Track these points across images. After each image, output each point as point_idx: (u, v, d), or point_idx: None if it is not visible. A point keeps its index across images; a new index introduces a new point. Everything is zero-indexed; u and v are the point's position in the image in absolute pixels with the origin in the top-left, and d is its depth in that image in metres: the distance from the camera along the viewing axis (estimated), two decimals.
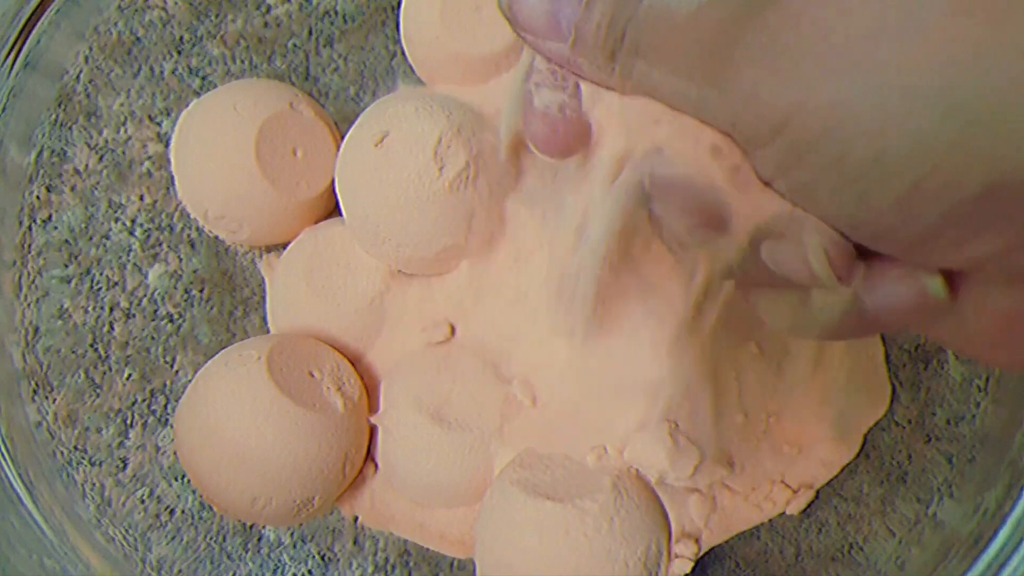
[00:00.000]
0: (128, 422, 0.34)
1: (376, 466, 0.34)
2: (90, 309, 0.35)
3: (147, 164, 0.36)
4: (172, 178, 0.36)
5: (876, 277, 0.19)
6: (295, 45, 0.38)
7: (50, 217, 0.35)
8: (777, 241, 0.19)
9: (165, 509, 0.34)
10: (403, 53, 0.39)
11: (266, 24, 0.38)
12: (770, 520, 0.33)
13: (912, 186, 0.16)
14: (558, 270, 0.26)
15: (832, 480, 0.34)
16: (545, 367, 0.33)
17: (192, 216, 0.36)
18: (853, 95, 0.16)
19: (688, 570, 0.32)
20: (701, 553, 0.32)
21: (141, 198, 0.36)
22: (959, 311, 0.19)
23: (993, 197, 0.16)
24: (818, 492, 0.34)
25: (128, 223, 0.36)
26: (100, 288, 0.35)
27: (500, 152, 0.28)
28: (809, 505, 0.34)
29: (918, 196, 0.16)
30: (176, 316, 0.36)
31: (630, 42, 0.19)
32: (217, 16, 0.37)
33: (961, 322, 0.19)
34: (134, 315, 0.35)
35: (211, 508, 0.34)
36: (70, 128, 0.35)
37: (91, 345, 0.34)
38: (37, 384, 0.33)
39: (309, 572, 0.34)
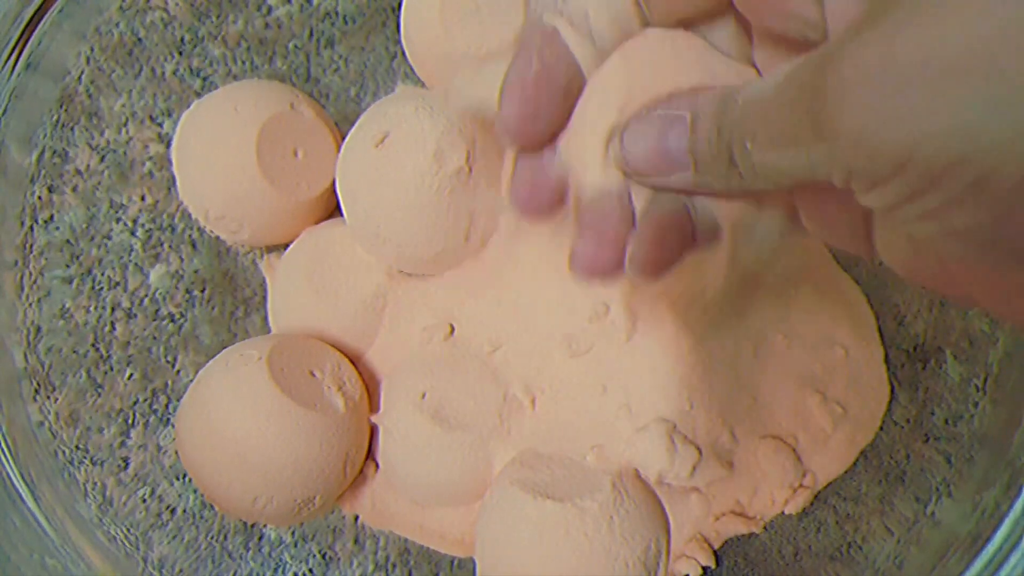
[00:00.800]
0: (129, 422, 0.34)
1: (377, 465, 0.35)
2: (92, 309, 0.35)
3: (148, 165, 0.36)
4: (173, 178, 0.36)
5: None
6: (296, 46, 0.38)
7: (52, 217, 0.35)
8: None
9: (166, 508, 0.34)
10: (403, 54, 0.39)
11: (267, 25, 0.38)
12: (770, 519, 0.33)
13: None
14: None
15: (832, 481, 0.34)
16: (545, 368, 0.33)
17: (193, 216, 0.36)
18: (982, 115, 0.14)
19: (697, 572, 0.32)
20: (714, 557, 0.33)
21: (142, 198, 0.36)
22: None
23: None
24: (817, 493, 0.34)
25: (129, 223, 0.36)
26: (101, 288, 0.35)
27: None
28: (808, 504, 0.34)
29: None
30: (177, 316, 0.36)
31: (739, 140, 0.19)
32: (218, 17, 0.37)
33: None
34: (135, 315, 0.35)
35: (212, 507, 0.34)
36: (72, 129, 0.35)
37: (93, 345, 0.34)
38: (39, 384, 0.33)
39: (310, 571, 0.34)
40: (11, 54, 0.33)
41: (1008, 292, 0.18)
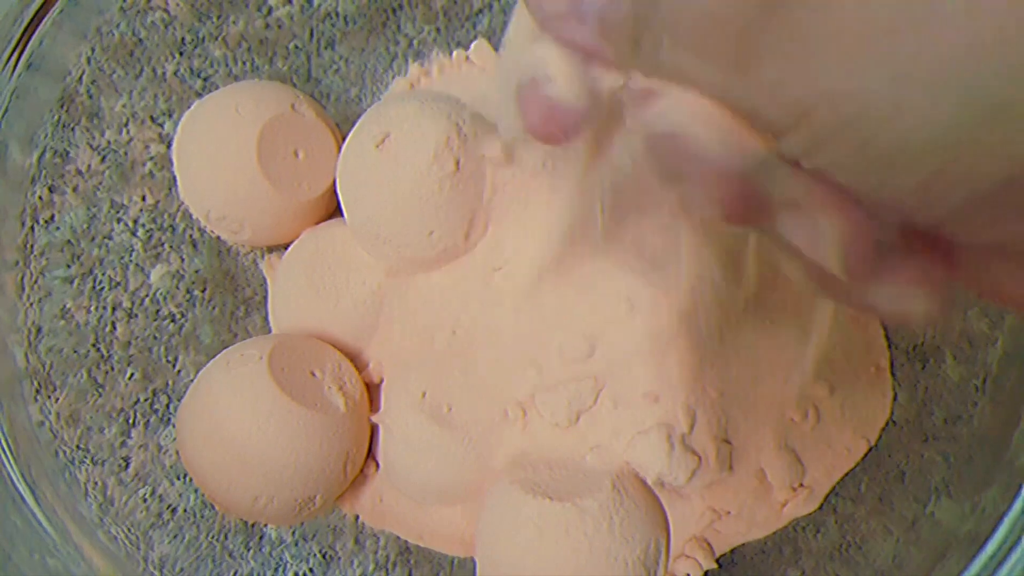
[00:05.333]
0: (130, 421, 0.34)
1: (377, 465, 0.35)
2: (92, 309, 0.35)
3: (149, 165, 0.36)
4: (174, 179, 0.36)
5: (883, 273, 0.19)
6: (296, 47, 0.38)
7: (52, 217, 0.35)
8: (792, 214, 0.19)
9: (167, 508, 0.34)
10: (403, 55, 0.39)
11: (268, 26, 0.38)
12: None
13: (933, 174, 0.16)
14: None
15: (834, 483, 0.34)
16: (544, 370, 0.33)
17: (194, 217, 0.36)
18: (875, 86, 0.16)
19: (698, 573, 0.32)
20: (715, 558, 0.33)
21: (143, 199, 0.36)
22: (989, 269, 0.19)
23: (1013, 188, 0.16)
24: (825, 496, 0.34)
25: (130, 223, 0.36)
26: (102, 288, 0.35)
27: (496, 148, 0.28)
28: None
29: (939, 183, 0.16)
30: (178, 316, 0.36)
31: (656, 27, 0.18)
32: (219, 18, 0.37)
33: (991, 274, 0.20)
34: (136, 315, 0.35)
35: (213, 507, 0.34)
36: (72, 129, 0.35)
37: (93, 345, 0.34)
38: (40, 384, 0.33)
39: (311, 570, 0.34)
40: (12, 54, 0.33)
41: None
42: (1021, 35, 0.15)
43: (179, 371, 0.35)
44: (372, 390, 0.35)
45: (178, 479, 0.34)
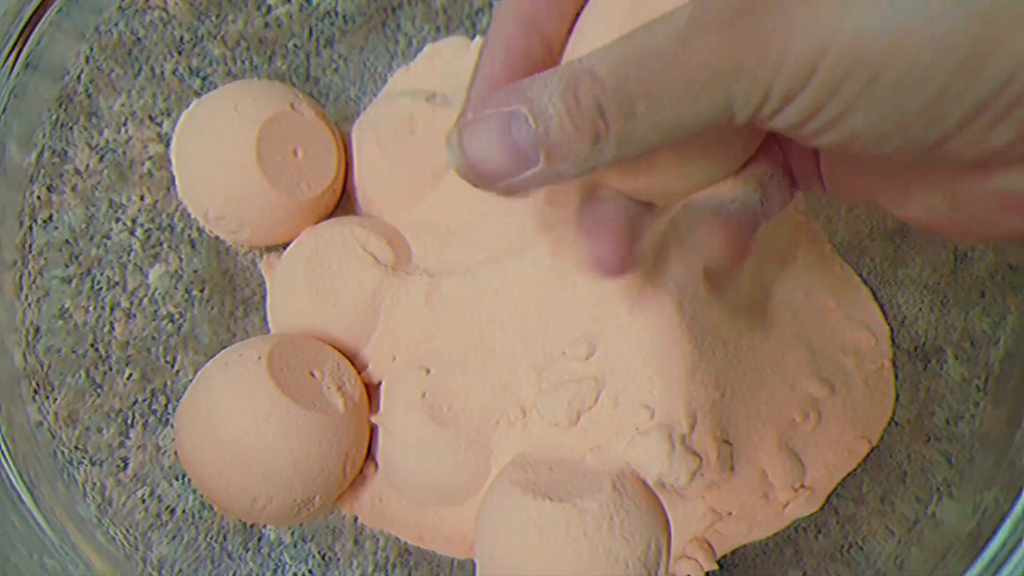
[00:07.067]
0: (129, 422, 0.34)
1: (377, 466, 0.34)
2: (91, 309, 0.35)
3: (148, 164, 0.36)
4: (173, 178, 0.36)
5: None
6: (296, 46, 0.38)
7: (51, 217, 0.35)
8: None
9: (166, 508, 0.34)
10: (403, 53, 0.39)
11: (267, 25, 0.38)
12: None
13: (940, 89, 0.17)
14: None
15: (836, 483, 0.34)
16: (544, 370, 0.33)
17: (193, 216, 0.36)
18: (877, 20, 0.17)
19: (699, 574, 0.32)
20: (716, 560, 0.33)
21: (142, 198, 0.36)
22: (953, 196, 0.21)
23: (1012, 84, 0.17)
24: (827, 497, 0.34)
25: (129, 223, 0.36)
26: (101, 288, 0.35)
27: None
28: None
29: (945, 98, 0.17)
30: (177, 316, 0.36)
31: (619, 108, 0.19)
32: (218, 16, 0.37)
33: (956, 205, 0.21)
34: (135, 315, 0.35)
35: (212, 508, 0.34)
36: (71, 128, 0.35)
37: (92, 345, 0.34)
38: (38, 384, 0.33)
39: (310, 571, 0.34)
40: (10, 53, 0.33)
41: (899, 194, 0.22)
42: None
43: (177, 371, 0.35)
44: (371, 390, 0.35)
45: (177, 480, 0.34)
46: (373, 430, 0.34)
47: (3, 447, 0.32)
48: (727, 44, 0.18)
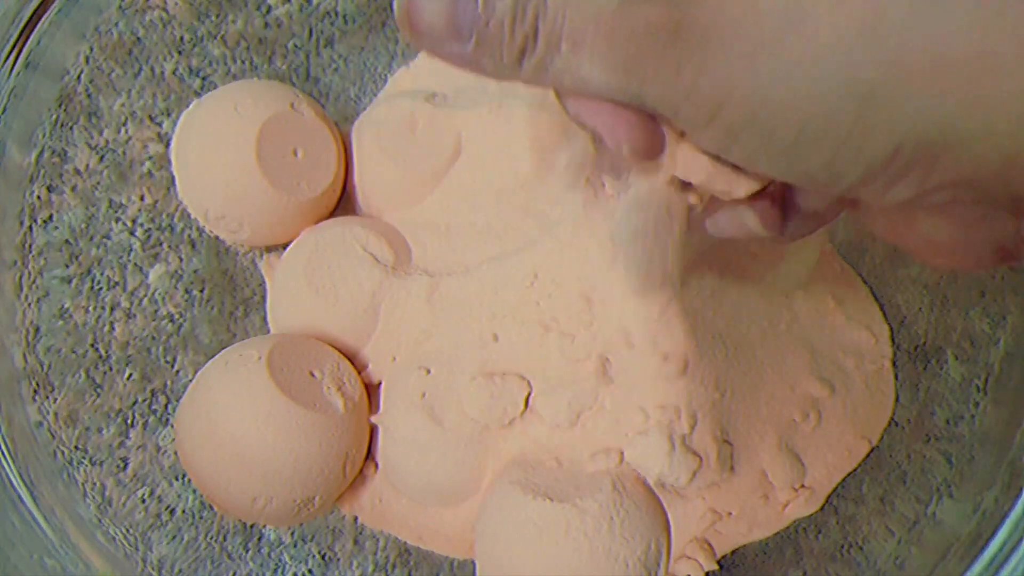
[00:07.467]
0: (129, 422, 0.34)
1: (377, 466, 0.34)
2: (91, 309, 0.35)
3: (148, 164, 0.36)
4: (173, 178, 0.36)
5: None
6: (296, 45, 0.38)
7: (51, 217, 0.35)
8: (717, 217, 0.24)
9: (166, 509, 0.34)
10: (403, 53, 0.39)
11: (267, 24, 0.38)
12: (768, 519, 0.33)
13: (831, 155, 0.18)
14: None
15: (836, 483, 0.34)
16: (544, 367, 0.33)
17: (192, 216, 0.36)
18: (770, 84, 0.18)
19: (699, 574, 0.32)
20: (716, 560, 0.33)
21: (142, 198, 0.36)
22: (916, 225, 0.22)
23: (897, 157, 0.18)
24: (827, 497, 0.34)
25: (129, 223, 0.36)
26: (101, 288, 0.35)
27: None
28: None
29: (838, 162, 0.19)
30: (177, 316, 0.36)
31: (549, 37, 0.19)
32: (218, 16, 0.37)
33: (916, 233, 0.22)
34: (135, 315, 0.35)
35: (212, 508, 0.34)
36: (71, 128, 0.35)
37: (92, 345, 0.34)
38: (38, 384, 0.33)
39: (309, 571, 0.34)
40: (10, 53, 0.33)
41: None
42: (877, 25, 0.17)
43: (177, 371, 0.35)
44: (371, 390, 0.35)
45: (176, 480, 0.34)
46: (373, 430, 0.34)
47: (3, 447, 0.32)
48: (649, 48, 0.18)
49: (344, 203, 0.38)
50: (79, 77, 0.35)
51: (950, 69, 0.17)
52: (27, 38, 0.33)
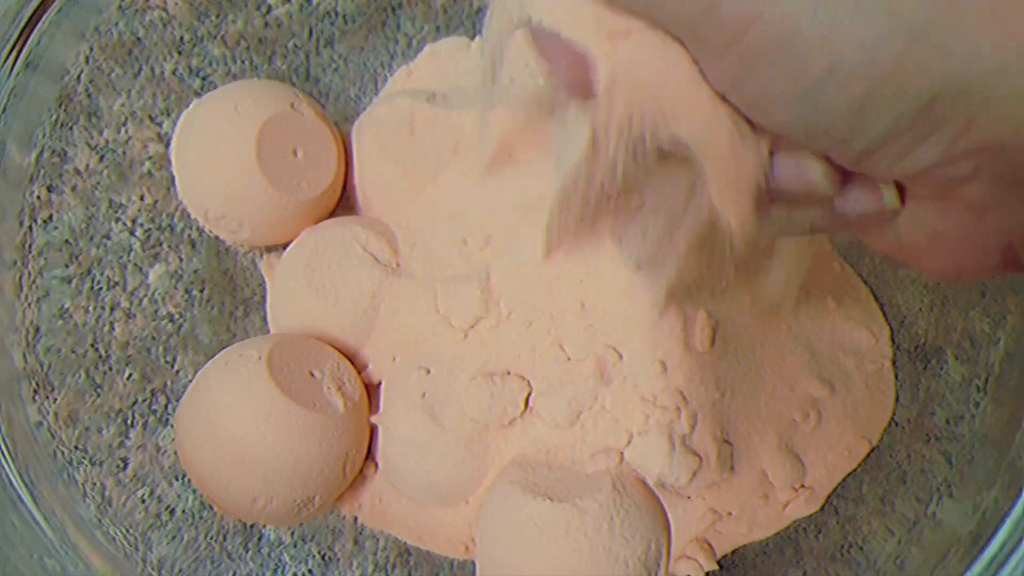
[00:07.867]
0: (128, 422, 0.34)
1: (377, 466, 0.34)
2: (91, 309, 0.35)
3: (148, 164, 0.36)
4: (173, 178, 0.36)
5: (847, 186, 0.21)
6: (296, 45, 0.38)
7: (51, 217, 0.35)
8: (779, 160, 0.21)
9: (166, 509, 0.34)
10: (403, 53, 0.39)
11: (267, 24, 0.38)
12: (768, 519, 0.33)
13: (863, 97, 0.17)
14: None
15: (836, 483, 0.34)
16: (544, 367, 0.33)
17: (192, 216, 0.36)
18: (808, 8, 0.16)
19: (699, 574, 0.32)
20: (716, 560, 0.33)
21: (142, 198, 0.36)
22: (896, 225, 0.21)
23: (934, 106, 0.17)
24: (827, 498, 0.34)
25: (129, 223, 0.36)
26: (101, 288, 0.35)
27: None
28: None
29: (868, 107, 0.17)
30: (176, 316, 0.36)
31: None
32: (218, 16, 0.37)
33: (897, 234, 0.21)
34: (135, 315, 0.35)
35: (211, 508, 0.34)
36: (71, 128, 0.35)
37: (92, 345, 0.34)
38: (38, 384, 0.33)
39: (309, 571, 0.34)
40: (10, 53, 0.33)
41: None
42: None
43: (177, 371, 0.35)
44: (371, 391, 0.35)
45: (176, 480, 0.34)
46: (373, 430, 0.34)
47: (3, 447, 0.32)
48: None
49: (344, 203, 0.38)
50: (79, 77, 0.35)
51: (1016, 12, 0.16)
52: (27, 38, 0.33)
